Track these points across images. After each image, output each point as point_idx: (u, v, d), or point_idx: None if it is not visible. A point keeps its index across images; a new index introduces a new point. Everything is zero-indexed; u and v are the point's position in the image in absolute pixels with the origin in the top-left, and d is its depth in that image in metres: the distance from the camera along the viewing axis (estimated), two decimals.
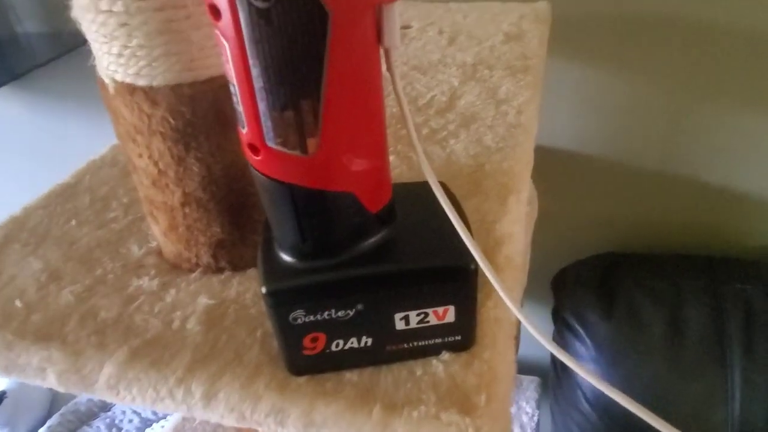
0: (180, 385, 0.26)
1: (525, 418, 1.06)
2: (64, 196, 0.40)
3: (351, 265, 0.24)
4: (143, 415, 1.27)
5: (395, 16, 0.20)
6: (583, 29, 0.77)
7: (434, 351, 0.26)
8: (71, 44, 1.01)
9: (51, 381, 0.28)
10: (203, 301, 0.30)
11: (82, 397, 1.29)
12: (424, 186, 0.27)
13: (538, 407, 1.08)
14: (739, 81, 0.75)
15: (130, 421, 1.26)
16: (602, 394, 0.81)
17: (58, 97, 1.08)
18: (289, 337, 0.25)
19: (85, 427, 1.26)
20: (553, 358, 0.97)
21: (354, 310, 0.24)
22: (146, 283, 0.32)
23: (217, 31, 0.19)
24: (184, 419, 0.70)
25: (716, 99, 0.77)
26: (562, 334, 0.89)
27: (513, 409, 1.07)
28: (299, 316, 0.24)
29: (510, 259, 0.32)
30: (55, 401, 1.37)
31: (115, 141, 0.50)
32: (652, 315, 0.80)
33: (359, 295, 0.24)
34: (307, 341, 0.25)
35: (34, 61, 1.01)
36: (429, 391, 0.25)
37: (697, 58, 0.75)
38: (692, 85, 0.77)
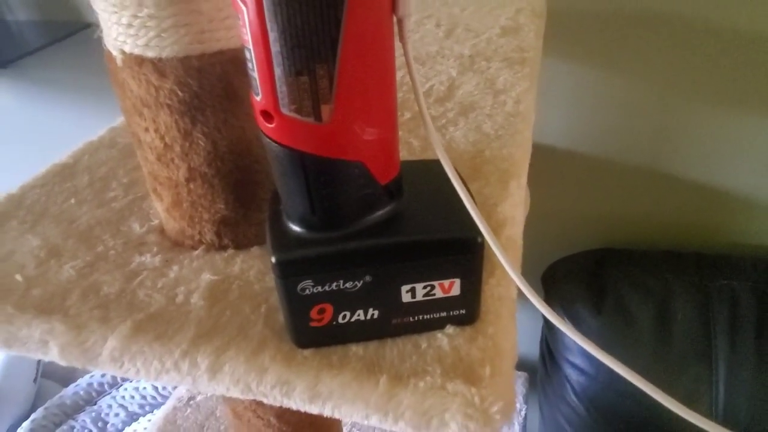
0: (185, 357, 0.26)
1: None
2: (62, 175, 0.40)
3: (360, 237, 0.24)
4: (129, 408, 1.25)
5: None
6: (577, 28, 0.78)
7: (439, 325, 0.26)
8: (61, 32, 1.00)
9: (53, 354, 0.28)
10: (207, 277, 0.30)
11: (68, 391, 1.28)
12: (429, 164, 0.27)
13: (526, 402, 1.09)
14: (729, 82, 0.76)
15: (116, 414, 1.25)
16: (589, 386, 0.82)
17: (48, 85, 1.07)
18: (297, 308, 0.25)
19: (71, 421, 1.24)
20: (542, 354, 0.98)
21: (362, 281, 0.24)
22: (148, 259, 0.32)
23: None
24: (174, 408, 0.70)
25: (706, 99, 0.79)
26: (550, 326, 0.90)
27: None
28: (307, 286, 0.24)
29: (512, 240, 0.32)
30: (39, 395, 1.35)
31: (108, 124, 0.50)
32: (640, 309, 0.82)
33: (367, 267, 0.24)
34: (314, 313, 0.25)
35: (24, 49, 1.00)
36: (434, 363, 0.25)
37: (689, 59, 0.76)
38: (683, 85, 0.78)
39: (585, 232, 0.96)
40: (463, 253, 0.24)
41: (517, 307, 0.30)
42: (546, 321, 0.96)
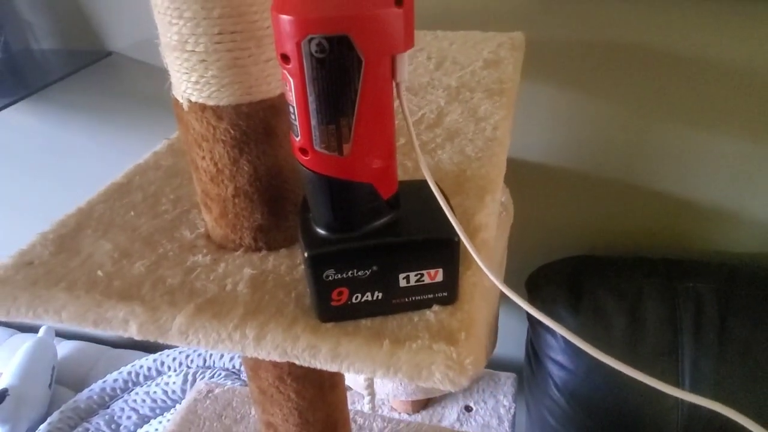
0: (237, 330, 0.35)
1: (502, 411, 1.14)
2: (119, 192, 0.49)
3: (369, 237, 0.33)
4: (141, 411, 1.32)
5: (405, 61, 0.29)
6: (554, 56, 0.87)
7: (427, 304, 0.35)
8: (84, 61, 1.08)
9: (132, 331, 0.36)
10: (248, 271, 0.39)
11: (82, 395, 1.35)
12: (421, 183, 0.36)
13: (515, 401, 1.17)
14: (692, 103, 0.85)
15: (129, 417, 1.31)
16: (569, 380, 0.90)
17: (72, 112, 1.15)
18: (321, 291, 0.33)
19: (85, 424, 1.30)
20: (527, 354, 1.06)
21: (370, 270, 0.33)
22: (200, 258, 0.41)
23: (285, 71, 0.28)
24: (195, 400, 0.78)
25: (672, 118, 0.88)
26: (535, 328, 0.98)
27: (492, 403, 1.16)
28: (330, 274, 0.33)
29: (485, 241, 0.41)
30: (53, 400, 1.42)
31: (129, 147, 0.58)
32: (614, 310, 0.90)
33: (374, 259, 0.33)
34: (334, 294, 0.34)
35: (49, 77, 1.07)
36: (424, 331, 0.34)
37: (653, 82, 0.85)
38: (651, 105, 0.87)
39: (565, 240, 1.04)
40: (443, 249, 0.33)
41: (504, 314, 0.38)
42: (531, 323, 1.05)
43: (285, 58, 0.28)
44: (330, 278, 0.33)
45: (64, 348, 1.50)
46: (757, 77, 0.81)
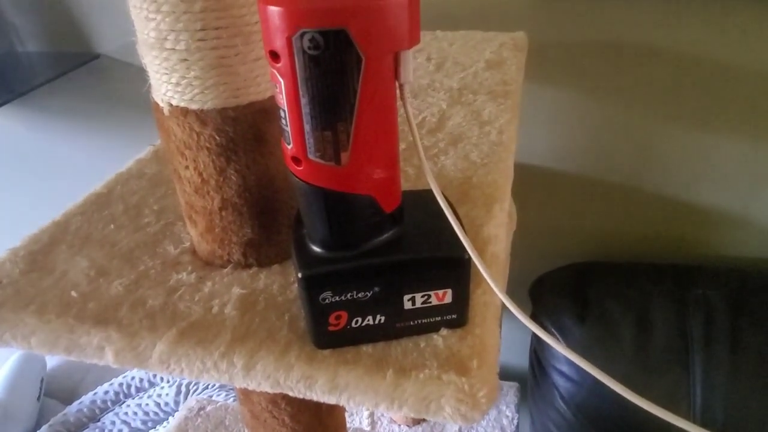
0: (223, 358, 0.31)
1: (505, 422, 1.11)
2: (98, 203, 0.45)
3: (370, 255, 0.30)
4: (132, 425, 1.29)
5: (409, 59, 0.26)
6: (557, 58, 0.84)
7: (435, 327, 0.32)
8: (71, 63, 1.04)
9: (108, 358, 0.33)
10: (237, 291, 0.36)
11: (71, 408, 1.31)
12: (425, 193, 0.33)
13: (518, 411, 1.14)
14: (697, 105, 0.83)
15: (120, 431, 1.28)
16: (576, 392, 0.87)
17: (59, 117, 1.12)
18: (318, 315, 0.30)
19: None
20: (531, 363, 1.03)
21: (371, 292, 0.30)
22: (185, 277, 0.37)
23: (274, 70, 0.25)
24: (186, 418, 0.74)
25: (680, 121, 0.85)
26: (539, 337, 0.95)
27: (494, 413, 1.12)
28: (327, 296, 0.29)
29: (495, 255, 0.38)
30: (42, 413, 1.38)
31: (116, 152, 0.55)
32: (622, 319, 0.87)
33: (376, 280, 0.30)
34: (332, 318, 0.30)
35: (35, 80, 1.04)
36: (431, 359, 0.31)
37: (661, 85, 0.82)
38: (655, 108, 0.85)
39: (569, 247, 1.01)
40: (453, 268, 0.30)
41: (506, 321, 0.35)
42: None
43: (274, 56, 0.24)
44: (327, 301, 0.30)
45: (53, 358, 1.46)
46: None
